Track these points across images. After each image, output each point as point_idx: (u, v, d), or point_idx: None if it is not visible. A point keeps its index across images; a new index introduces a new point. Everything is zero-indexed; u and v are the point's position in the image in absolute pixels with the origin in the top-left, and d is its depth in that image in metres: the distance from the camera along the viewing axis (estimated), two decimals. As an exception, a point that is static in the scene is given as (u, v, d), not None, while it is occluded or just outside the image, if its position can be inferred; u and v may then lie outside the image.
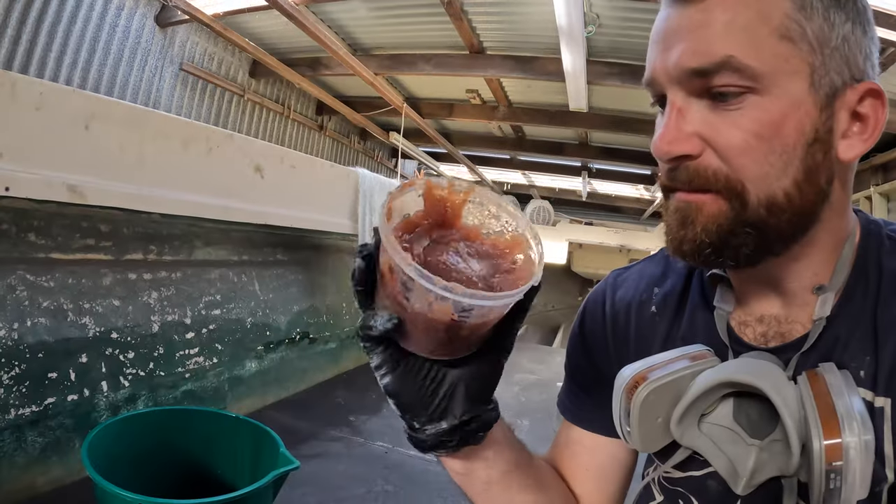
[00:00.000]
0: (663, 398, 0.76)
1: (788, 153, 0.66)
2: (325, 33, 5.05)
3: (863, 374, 0.70)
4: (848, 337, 0.72)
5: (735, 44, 0.64)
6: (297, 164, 3.06)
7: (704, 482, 0.81)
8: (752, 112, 0.65)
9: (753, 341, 0.80)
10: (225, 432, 1.70)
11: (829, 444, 0.62)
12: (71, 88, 1.92)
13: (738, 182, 0.67)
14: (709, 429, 0.77)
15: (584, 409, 1.00)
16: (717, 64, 0.64)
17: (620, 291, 0.98)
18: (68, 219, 2.16)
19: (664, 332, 0.90)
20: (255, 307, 3.15)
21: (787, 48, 0.64)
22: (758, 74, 0.64)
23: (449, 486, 2.35)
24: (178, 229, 2.69)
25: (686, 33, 0.67)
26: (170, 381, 2.46)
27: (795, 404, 0.67)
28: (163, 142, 2.21)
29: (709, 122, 0.67)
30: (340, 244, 4.14)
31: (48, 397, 1.97)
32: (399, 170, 9.40)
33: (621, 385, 0.79)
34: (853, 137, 0.69)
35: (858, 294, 0.74)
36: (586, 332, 1.01)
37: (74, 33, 4.60)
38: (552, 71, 5.42)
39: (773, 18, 0.64)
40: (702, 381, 0.74)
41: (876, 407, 0.68)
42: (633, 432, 0.78)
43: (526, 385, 4.23)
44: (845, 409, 0.63)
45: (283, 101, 7.36)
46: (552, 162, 10.14)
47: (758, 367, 0.73)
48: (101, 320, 2.22)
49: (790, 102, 0.65)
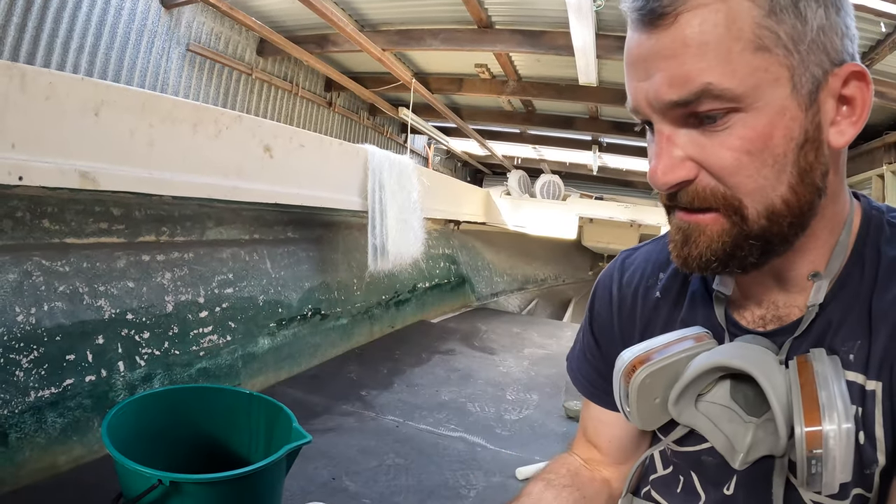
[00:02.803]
0: (660, 380, 0.81)
1: (780, 162, 0.67)
2: (332, 10, 5.03)
3: (852, 358, 0.72)
4: (841, 321, 0.74)
5: (710, 69, 0.64)
6: (305, 143, 3.08)
7: (700, 457, 0.86)
8: (739, 130, 0.66)
9: (752, 324, 0.83)
10: (240, 409, 1.75)
11: (809, 432, 0.65)
12: (79, 77, 1.94)
13: (736, 199, 0.69)
14: (706, 407, 0.81)
15: (597, 388, 1.05)
16: (696, 94, 0.65)
17: (627, 275, 1.02)
18: (81, 204, 2.20)
19: (666, 316, 0.94)
20: (267, 285, 3.20)
21: (764, 58, 0.65)
22: (738, 95, 0.65)
23: (458, 459, 2.40)
24: (189, 210, 2.72)
25: (660, 61, 0.67)
26: (184, 360, 2.51)
27: (784, 389, 0.70)
28: (172, 125, 2.24)
29: (699, 145, 0.69)
30: (350, 221, 4.18)
31: (66, 379, 2.02)
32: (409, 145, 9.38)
33: (620, 368, 0.84)
34: (842, 122, 0.70)
35: (854, 280, 0.75)
36: (595, 314, 1.06)
37: (80, 18, 4.60)
38: (561, 45, 5.37)
39: (745, 31, 0.64)
40: (696, 365, 0.77)
41: (867, 390, 0.71)
42: (632, 412, 0.84)
43: (536, 359, 4.26)
44: (827, 399, 0.65)
45: (292, 79, 7.34)
46: (562, 136, 10.09)
47: (750, 351, 0.76)
48: (116, 302, 2.26)
49: (775, 112, 0.66)
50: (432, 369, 3.72)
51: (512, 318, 6.11)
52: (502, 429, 2.85)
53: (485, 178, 14.46)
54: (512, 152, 11.77)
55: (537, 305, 8.17)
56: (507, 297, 7.51)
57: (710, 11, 0.64)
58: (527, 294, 8.25)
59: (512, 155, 11.97)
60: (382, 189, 3.75)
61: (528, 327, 5.48)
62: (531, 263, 8.77)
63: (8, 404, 1.84)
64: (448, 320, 5.39)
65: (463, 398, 3.22)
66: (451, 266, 6.15)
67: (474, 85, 7.55)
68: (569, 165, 12.00)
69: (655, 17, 0.66)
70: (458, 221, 6.43)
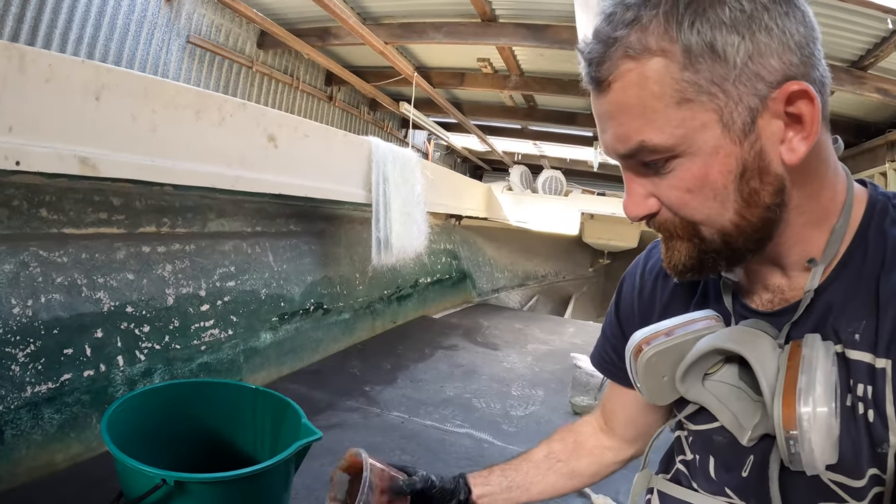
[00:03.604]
0: (666, 360, 0.88)
1: (722, 194, 0.73)
2: (334, 2, 4.97)
3: (858, 338, 0.74)
4: (844, 303, 0.77)
5: (641, 128, 0.72)
6: (310, 134, 3.03)
7: (712, 437, 0.91)
8: (679, 173, 0.74)
9: (760, 307, 0.88)
10: (245, 404, 1.69)
11: (785, 413, 0.70)
12: (80, 59, 1.88)
13: (691, 225, 0.78)
14: (714, 386, 0.87)
15: (610, 364, 1.16)
16: (635, 150, 0.74)
17: (651, 263, 1.09)
18: (80, 193, 2.14)
19: (683, 300, 1.00)
20: (270, 278, 3.14)
21: (688, 109, 0.70)
22: (669, 147, 0.72)
23: (465, 456, 2.35)
24: (190, 201, 2.67)
25: (607, 121, 0.76)
26: (185, 354, 2.45)
27: (773, 373, 0.75)
28: (175, 112, 2.18)
29: (654, 185, 0.78)
30: (352, 214, 4.13)
31: (64, 374, 1.96)
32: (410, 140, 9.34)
33: (630, 347, 0.92)
34: (793, 139, 0.72)
35: (857, 262, 0.78)
36: (622, 298, 1.14)
37: (79, 8, 4.54)
38: (565, 39, 5.33)
39: (665, 89, 0.69)
40: (699, 346, 0.83)
41: (877, 368, 0.72)
42: (642, 387, 0.92)
43: (539, 355, 4.23)
44: (806, 383, 0.69)
45: (292, 72, 7.29)
46: (564, 132, 10.04)
47: (747, 335, 0.81)
48: (115, 294, 2.21)
49: (708, 153, 0.71)
50: (435, 365, 3.68)
51: (513, 314, 6.08)
52: (509, 425, 2.80)
53: (484, 174, 14.43)
54: (512, 148, 11.74)
55: (538, 302, 8.14)
56: (507, 293, 7.48)
57: (633, 76, 0.70)
58: (528, 290, 8.23)
59: (512, 151, 11.95)
60: (386, 182, 3.70)
61: (529, 323, 5.46)
62: (532, 259, 8.74)
63: (3, 400, 1.78)
64: (450, 316, 5.36)
65: (468, 394, 3.18)
66: (452, 261, 6.10)
67: (476, 79, 7.50)
68: (569, 162, 11.96)
69: (597, 84, 0.75)
70: (460, 216, 6.39)
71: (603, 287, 11.66)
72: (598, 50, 0.73)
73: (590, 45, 0.75)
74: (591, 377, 2.98)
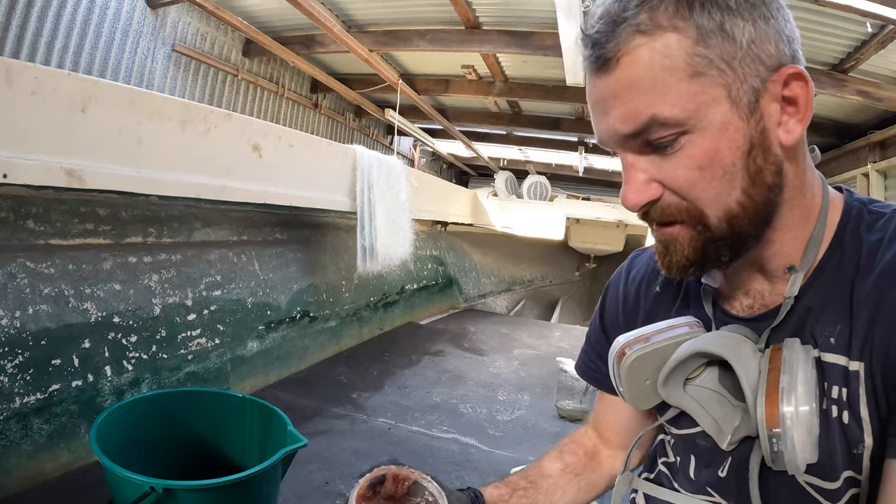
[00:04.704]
0: (648, 364, 0.89)
1: (730, 171, 0.74)
2: (318, 10, 4.98)
3: (833, 341, 0.77)
4: (821, 307, 0.79)
5: (653, 102, 0.72)
6: (295, 143, 3.04)
7: (695, 440, 0.94)
8: (689, 150, 0.74)
9: (741, 312, 0.90)
10: (232, 412, 1.71)
11: (768, 412, 0.72)
12: (66, 72, 1.90)
13: (697, 210, 0.77)
14: (695, 391, 0.88)
15: (596, 371, 1.17)
16: (645, 125, 0.73)
17: (633, 272, 1.12)
18: (67, 204, 2.15)
19: (665, 307, 1.02)
20: (256, 287, 3.16)
21: (699, 83, 0.71)
22: (681, 120, 0.72)
23: (452, 461, 2.37)
24: (176, 211, 2.68)
25: (612, 101, 0.75)
26: (173, 364, 2.46)
27: (755, 375, 0.77)
28: (160, 123, 2.20)
29: (658, 168, 0.77)
30: (338, 222, 4.15)
31: (52, 384, 1.97)
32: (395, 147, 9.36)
33: (613, 352, 0.94)
34: (789, 121, 0.76)
35: (833, 267, 0.80)
36: (606, 307, 1.16)
37: (65, 17, 4.53)
38: (549, 46, 5.36)
39: (678, 63, 0.71)
40: (680, 350, 0.85)
41: (850, 370, 0.75)
42: (624, 391, 0.93)
43: (525, 360, 4.25)
44: (788, 383, 0.72)
45: (278, 80, 7.29)
46: (549, 137, 10.07)
47: (729, 339, 0.82)
48: (102, 305, 2.22)
49: (717, 128, 0.72)
50: (422, 371, 3.69)
51: (500, 319, 6.10)
52: (495, 429, 2.82)
53: (470, 179, 14.45)
54: (498, 154, 11.76)
55: (524, 306, 8.16)
56: (494, 299, 7.50)
57: (644, 51, 0.71)
58: (514, 295, 8.25)
59: (498, 156, 11.97)
60: (371, 189, 3.72)
61: (516, 328, 5.48)
62: (518, 264, 8.76)
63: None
64: (436, 322, 5.37)
65: (454, 399, 3.20)
66: (438, 267, 6.12)
67: (461, 86, 7.53)
68: (554, 167, 12.01)
69: (602, 63, 0.74)
70: (446, 223, 6.41)
71: (589, 291, 11.68)
72: (606, 29, 0.73)
73: (596, 26, 0.75)
74: (576, 381, 3.00)
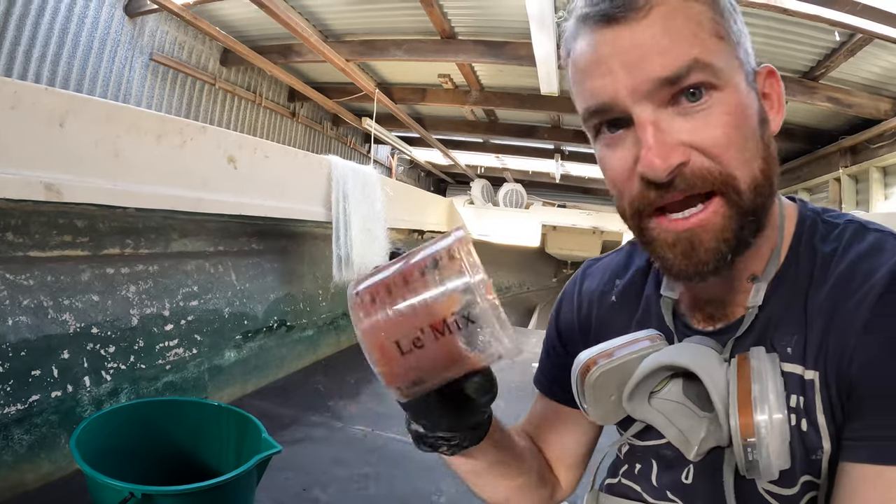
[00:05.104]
0: (613, 379, 0.86)
1: (755, 136, 0.73)
2: (295, 20, 5.02)
3: (790, 351, 0.77)
4: (780, 318, 0.79)
5: (693, 47, 0.68)
6: (270, 154, 3.08)
7: (658, 451, 0.91)
8: (721, 107, 0.70)
9: (701, 323, 0.89)
10: (209, 421, 1.74)
11: (743, 422, 0.71)
12: (44, 87, 1.93)
13: (731, 175, 0.71)
14: (660, 404, 0.86)
15: (556, 385, 1.09)
16: (688, 65, 0.68)
17: (587, 282, 1.09)
18: (45, 216, 2.18)
19: (622, 319, 0.99)
20: (233, 297, 3.18)
21: (725, 46, 0.71)
22: (718, 70, 0.69)
23: (426, 466, 2.41)
24: (153, 222, 2.71)
25: (642, 49, 0.69)
26: (151, 374, 2.49)
27: (724, 385, 0.75)
28: (137, 136, 2.23)
29: (687, 128, 0.70)
30: (315, 232, 4.17)
31: (33, 395, 1.99)
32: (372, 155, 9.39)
33: (576, 368, 0.89)
34: (769, 113, 0.78)
35: (790, 278, 0.80)
36: (560, 318, 1.12)
37: (43, 26, 4.54)
38: (523, 55, 5.42)
39: (705, 23, 0.70)
40: (645, 364, 0.82)
41: (806, 379, 0.75)
42: (589, 409, 0.89)
43: (502, 366, 4.20)
44: (759, 392, 0.71)
45: (255, 89, 7.30)
46: (525, 145, 10.14)
47: (694, 351, 0.81)
48: (81, 316, 2.24)
49: (742, 91, 0.72)
50: (399, 378, 3.71)
51: (477, 327, 6.09)
52: (470, 436, 2.85)
53: (448, 187, 14.49)
54: (475, 161, 11.82)
55: (502, 313, 8.19)
56: (472, 306, 7.51)
57: (677, 5, 0.69)
58: (492, 302, 8.26)
59: (475, 164, 12.02)
60: (346, 199, 3.75)
61: (493, 335, 5.48)
62: (496, 271, 8.82)
63: (-28, 421, 1.81)
64: (414, 329, 5.37)
65: (431, 406, 3.22)
66: (416, 275, 6.13)
67: (437, 95, 7.58)
68: (531, 174, 12.09)
69: (627, 10, 0.69)
70: (423, 231, 6.45)
71: (567, 297, 11.73)
72: None
73: None
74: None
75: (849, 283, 0.74)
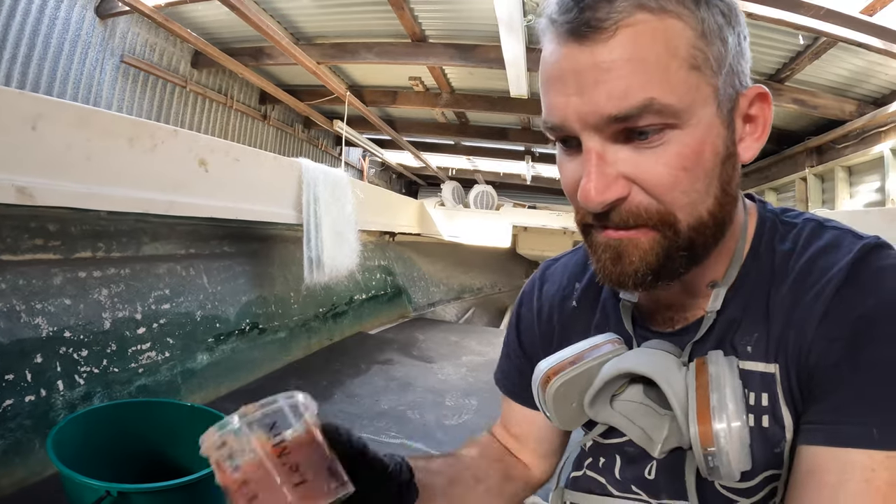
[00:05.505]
0: (574, 388, 0.87)
1: (709, 176, 0.71)
2: (267, 23, 5.03)
3: (750, 350, 0.79)
4: (741, 318, 0.80)
5: (652, 84, 0.66)
6: (240, 157, 3.09)
7: (623, 448, 0.93)
8: (674, 147, 0.68)
9: (662, 325, 0.90)
10: (182, 421, 1.77)
11: (702, 431, 0.71)
12: (17, 90, 1.93)
13: (670, 214, 0.71)
14: (622, 406, 0.87)
15: (519, 387, 1.11)
16: (640, 108, 0.66)
17: (547, 286, 1.10)
18: (16, 220, 2.18)
19: (583, 323, 1.00)
20: (205, 300, 3.19)
21: (696, 77, 0.68)
22: (677, 111, 0.67)
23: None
24: (125, 226, 2.71)
25: (598, 74, 0.67)
26: (124, 377, 2.49)
27: (682, 390, 0.76)
28: (109, 140, 2.24)
29: (632, 162, 0.70)
30: (286, 234, 4.19)
31: (6, 399, 2.00)
32: (343, 157, 9.39)
33: (537, 378, 0.90)
34: (747, 139, 0.76)
35: (751, 279, 0.81)
36: (521, 319, 1.13)
37: (13, 28, 4.49)
38: (493, 58, 5.47)
39: (680, 50, 0.67)
40: (604, 372, 0.83)
41: (768, 374, 0.77)
42: (552, 416, 0.90)
43: (474, 366, 4.33)
44: (718, 401, 0.72)
45: (226, 92, 7.27)
46: (496, 147, 10.22)
47: (653, 357, 0.82)
48: (53, 320, 2.25)
49: (705, 129, 0.69)
50: (371, 379, 3.76)
51: (449, 328, 6.19)
52: (443, 434, 2.91)
53: (420, 189, 14.52)
54: (446, 163, 11.85)
55: (474, 314, 8.26)
56: (444, 307, 7.58)
57: (648, 28, 0.66)
58: (463, 303, 8.34)
59: (446, 166, 12.05)
60: (317, 202, 3.78)
61: (465, 336, 5.57)
62: (467, 273, 8.86)
63: (-55, 426, 1.81)
64: (386, 331, 5.43)
65: (402, 406, 3.27)
66: (387, 277, 6.19)
67: (408, 97, 7.60)
68: (503, 175, 12.15)
69: (591, 30, 0.66)
70: (394, 233, 6.48)
71: (538, 298, 11.80)
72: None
73: None
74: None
75: (807, 279, 0.76)
